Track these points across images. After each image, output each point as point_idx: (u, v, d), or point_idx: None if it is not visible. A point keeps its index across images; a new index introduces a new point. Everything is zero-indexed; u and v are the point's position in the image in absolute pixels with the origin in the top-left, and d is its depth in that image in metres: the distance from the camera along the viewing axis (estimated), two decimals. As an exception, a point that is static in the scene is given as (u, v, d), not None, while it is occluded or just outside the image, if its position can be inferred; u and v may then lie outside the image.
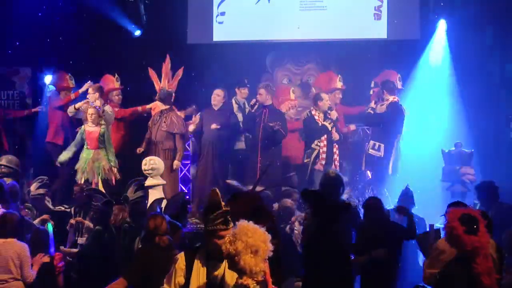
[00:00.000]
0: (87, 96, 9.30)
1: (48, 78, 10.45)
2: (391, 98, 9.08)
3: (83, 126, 9.00)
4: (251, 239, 3.64)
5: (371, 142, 9.17)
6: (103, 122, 8.95)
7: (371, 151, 9.13)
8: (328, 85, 10.12)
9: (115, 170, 8.95)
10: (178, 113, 9.58)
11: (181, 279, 3.96)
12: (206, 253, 3.98)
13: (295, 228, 6.75)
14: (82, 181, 8.63)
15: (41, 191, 7.78)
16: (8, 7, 10.12)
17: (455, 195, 8.54)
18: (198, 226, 7.23)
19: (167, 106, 9.47)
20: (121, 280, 4.71)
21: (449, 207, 5.01)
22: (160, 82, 9.41)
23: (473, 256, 4.35)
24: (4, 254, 5.51)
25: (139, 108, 10.00)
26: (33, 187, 7.79)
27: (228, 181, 7.01)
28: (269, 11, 10.91)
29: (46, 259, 5.68)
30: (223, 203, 3.91)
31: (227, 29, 11.06)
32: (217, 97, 9.53)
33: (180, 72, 9.45)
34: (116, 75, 10.09)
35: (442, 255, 5.04)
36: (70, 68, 10.28)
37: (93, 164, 8.85)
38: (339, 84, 10.05)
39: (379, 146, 9.05)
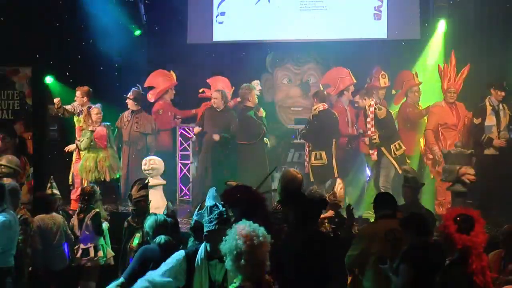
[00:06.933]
0: (75, 99, 9.40)
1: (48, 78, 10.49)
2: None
3: (88, 128, 9.06)
4: (234, 242, 3.60)
5: (392, 146, 8.91)
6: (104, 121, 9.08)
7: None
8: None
9: (119, 168, 9.18)
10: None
11: (182, 281, 3.97)
12: (207, 253, 3.99)
13: None
14: (91, 180, 8.72)
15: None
16: (9, 6, 10.10)
17: (455, 195, 8.55)
18: None
19: (139, 107, 9.56)
20: (122, 280, 4.70)
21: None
22: (442, 80, 9.34)
23: (466, 256, 4.39)
24: (58, 225, 6.91)
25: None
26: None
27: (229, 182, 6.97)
28: (269, 11, 10.92)
29: None
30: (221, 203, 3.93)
31: (227, 29, 11.07)
32: (215, 99, 9.53)
33: (465, 71, 9.22)
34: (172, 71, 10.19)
35: (362, 241, 5.18)
36: (69, 69, 10.31)
37: (104, 163, 8.92)
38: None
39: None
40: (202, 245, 4.06)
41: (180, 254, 4.10)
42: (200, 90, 10.16)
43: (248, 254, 3.54)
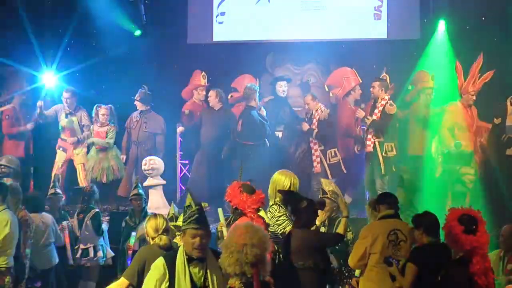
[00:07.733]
0: (62, 100, 9.41)
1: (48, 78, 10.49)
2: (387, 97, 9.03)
3: (91, 126, 9.09)
4: (228, 239, 3.62)
5: (385, 145, 8.85)
6: (112, 122, 9.10)
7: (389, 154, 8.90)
8: None
9: (122, 169, 9.17)
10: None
11: (165, 286, 3.94)
12: (186, 255, 3.96)
13: None
14: (88, 181, 8.73)
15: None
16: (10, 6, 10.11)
17: (455, 195, 8.55)
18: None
19: (147, 107, 9.57)
20: (122, 280, 4.70)
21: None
22: (465, 80, 9.12)
23: (471, 256, 4.38)
24: (46, 224, 6.98)
25: None
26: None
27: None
28: (269, 11, 10.91)
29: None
30: (194, 203, 3.91)
31: (227, 29, 11.05)
32: (210, 97, 9.55)
33: (488, 75, 9.03)
34: (203, 72, 10.14)
35: (365, 242, 5.14)
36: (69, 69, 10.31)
37: (101, 164, 8.91)
38: None
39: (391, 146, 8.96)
40: (180, 248, 4.03)
41: (159, 262, 4.03)
42: (229, 96, 10.13)
43: (239, 253, 3.54)
